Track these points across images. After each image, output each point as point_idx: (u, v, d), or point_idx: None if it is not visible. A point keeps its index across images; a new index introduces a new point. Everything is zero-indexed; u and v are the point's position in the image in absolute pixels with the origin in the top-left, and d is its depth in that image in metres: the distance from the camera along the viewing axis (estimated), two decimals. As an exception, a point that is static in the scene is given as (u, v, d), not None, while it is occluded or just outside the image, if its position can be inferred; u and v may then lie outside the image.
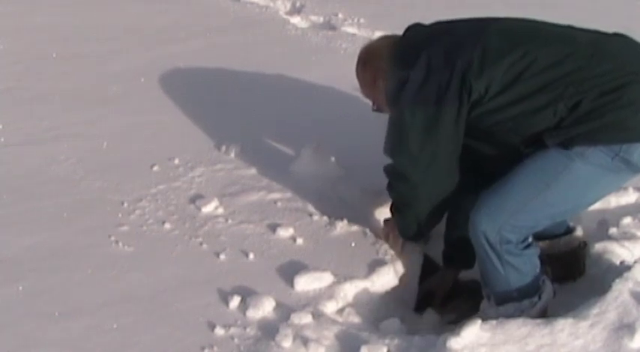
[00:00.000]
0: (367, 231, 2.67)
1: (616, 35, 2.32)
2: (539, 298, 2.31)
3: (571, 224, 2.67)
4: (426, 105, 2.26)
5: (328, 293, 2.32)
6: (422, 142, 2.30)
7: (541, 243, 2.47)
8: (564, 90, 2.15)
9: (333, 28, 5.19)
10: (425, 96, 2.25)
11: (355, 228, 2.67)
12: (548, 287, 2.35)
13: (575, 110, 2.14)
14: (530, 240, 2.32)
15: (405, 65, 2.32)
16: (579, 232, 2.66)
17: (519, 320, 2.13)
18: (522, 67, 2.18)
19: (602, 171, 2.18)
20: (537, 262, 2.33)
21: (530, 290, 2.30)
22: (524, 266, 2.29)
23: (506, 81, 2.19)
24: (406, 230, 2.56)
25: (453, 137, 2.29)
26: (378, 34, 4.52)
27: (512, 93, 2.19)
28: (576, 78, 2.15)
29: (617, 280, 2.23)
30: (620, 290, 2.19)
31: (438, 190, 2.40)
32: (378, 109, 2.58)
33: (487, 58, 2.20)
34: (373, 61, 2.49)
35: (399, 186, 2.46)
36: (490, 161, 2.41)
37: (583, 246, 2.64)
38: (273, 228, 2.64)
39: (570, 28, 2.34)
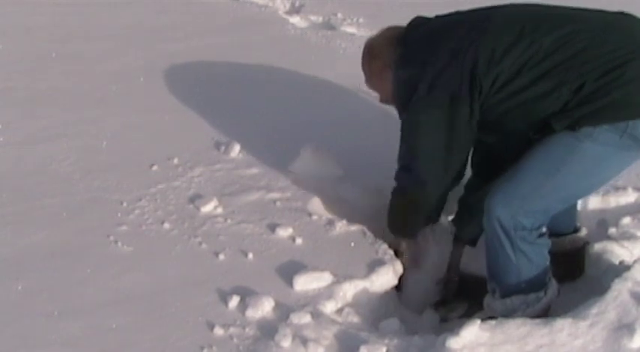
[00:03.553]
0: (366, 230, 2.67)
1: (619, 14, 2.33)
2: (545, 293, 2.31)
3: (578, 224, 2.67)
4: (440, 108, 2.27)
5: (327, 293, 2.32)
6: (438, 147, 2.32)
7: None
8: (566, 74, 2.17)
9: (332, 27, 5.19)
10: (438, 99, 2.27)
11: (354, 227, 2.67)
12: (553, 285, 2.36)
13: (580, 92, 2.15)
14: (544, 229, 2.33)
15: (413, 64, 2.33)
16: (584, 232, 2.66)
17: (518, 320, 2.13)
18: (527, 56, 2.20)
19: (613, 149, 2.19)
20: (548, 255, 2.34)
21: (538, 284, 2.31)
22: (536, 257, 2.30)
23: (512, 72, 2.21)
24: (405, 228, 2.59)
25: (468, 135, 2.31)
26: (377, 34, 4.54)
27: (518, 83, 2.21)
28: (579, 60, 2.17)
29: (617, 280, 2.23)
30: (620, 290, 2.19)
31: (450, 187, 2.44)
32: (384, 101, 2.57)
33: (493, 53, 2.22)
34: (380, 53, 2.49)
35: (414, 191, 2.44)
36: (500, 150, 2.42)
37: (586, 246, 2.64)
38: (273, 227, 2.63)
39: (572, 9, 2.34)
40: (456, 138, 2.30)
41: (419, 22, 2.46)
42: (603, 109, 2.15)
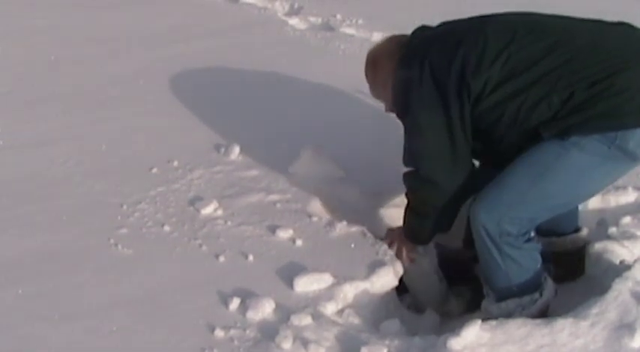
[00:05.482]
0: (367, 231, 2.66)
1: (618, 24, 2.31)
2: (541, 295, 2.31)
3: (579, 224, 2.67)
4: (436, 109, 2.26)
5: (328, 294, 2.32)
6: (442, 144, 2.30)
7: (547, 240, 2.47)
8: (557, 83, 2.16)
9: (331, 29, 5.18)
10: (432, 101, 2.26)
11: (355, 229, 2.67)
12: (549, 285, 2.35)
13: (569, 101, 2.15)
14: (532, 234, 2.32)
15: (409, 68, 2.33)
16: (585, 232, 2.66)
17: (519, 321, 2.13)
18: (516, 60, 2.20)
19: (600, 159, 2.18)
20: (538, 258, 2.33)
21: (531, 286, 2.31)
22: (525, 261, 2.29)
23: (502, 77, 2.21)
24: (423, 233, 2.54)
25: (465, 134, 2.29)
26: (376, 35, 4.54)
27: (508, 88, 2.21)
28: (569, 69, 2.16)
29: (617, 280, 2.24)
30: (620, 290, 2.19)
31: (461, 188, 2.39)
32: (391, 110, 2.56)
33: (484, 56, 2.21)
34: (385, 62, 2.48)
35: (426, 191, 2.41)
36: (491, 158, 2.42)
37: (586, 246, 2.64)
38: (273, 229, 2.63)
39: (569, 19, 2.34)
40: (456, 136, 2.28)
41: (421, 30, 2.46)
42: (593, 119, 2.13)
